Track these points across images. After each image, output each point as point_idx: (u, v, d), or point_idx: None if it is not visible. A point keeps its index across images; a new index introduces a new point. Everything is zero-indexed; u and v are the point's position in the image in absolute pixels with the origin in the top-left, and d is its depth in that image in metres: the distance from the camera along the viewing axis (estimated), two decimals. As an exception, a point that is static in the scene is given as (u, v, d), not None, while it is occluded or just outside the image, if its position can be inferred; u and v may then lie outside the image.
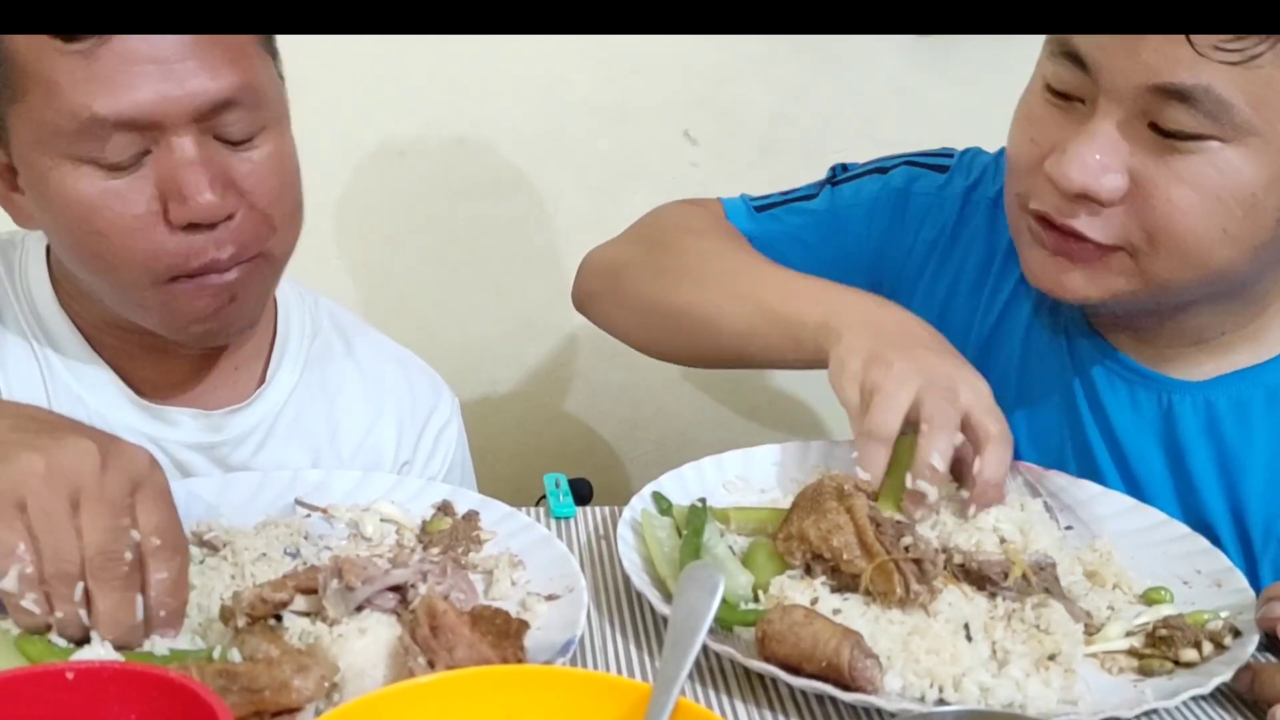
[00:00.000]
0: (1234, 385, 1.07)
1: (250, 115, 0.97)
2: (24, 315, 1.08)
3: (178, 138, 0.93)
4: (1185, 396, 1.07)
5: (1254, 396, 1.06)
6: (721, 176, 1.85)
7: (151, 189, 0.94)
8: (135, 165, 0.94)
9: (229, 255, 0.97)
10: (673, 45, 1.74)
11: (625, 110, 1.81)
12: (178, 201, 0.94)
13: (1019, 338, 1.17)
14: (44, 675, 0.66)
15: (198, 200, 0.93)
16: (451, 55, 1.72)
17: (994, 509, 1.00)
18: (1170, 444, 1.09)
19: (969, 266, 1.21)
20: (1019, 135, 1.03)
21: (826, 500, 0.94)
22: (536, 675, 0.72)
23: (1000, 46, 1.74)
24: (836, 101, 1.84)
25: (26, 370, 1.06)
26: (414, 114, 1.77)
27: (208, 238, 0.96)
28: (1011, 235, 1.09)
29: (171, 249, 0.95)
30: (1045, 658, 0.84)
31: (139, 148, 0.93)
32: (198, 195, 0.93)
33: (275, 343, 1.16)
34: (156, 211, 0.95)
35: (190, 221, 0.94)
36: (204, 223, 0.95)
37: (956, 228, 1.22)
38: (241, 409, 1.12)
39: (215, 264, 0.97)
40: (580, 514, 1.08)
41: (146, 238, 0.95)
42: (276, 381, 1.14)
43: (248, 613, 0.80)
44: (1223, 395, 1.07)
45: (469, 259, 1.86)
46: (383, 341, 1.26)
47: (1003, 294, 1.19)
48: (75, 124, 0.91)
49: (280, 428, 1.14)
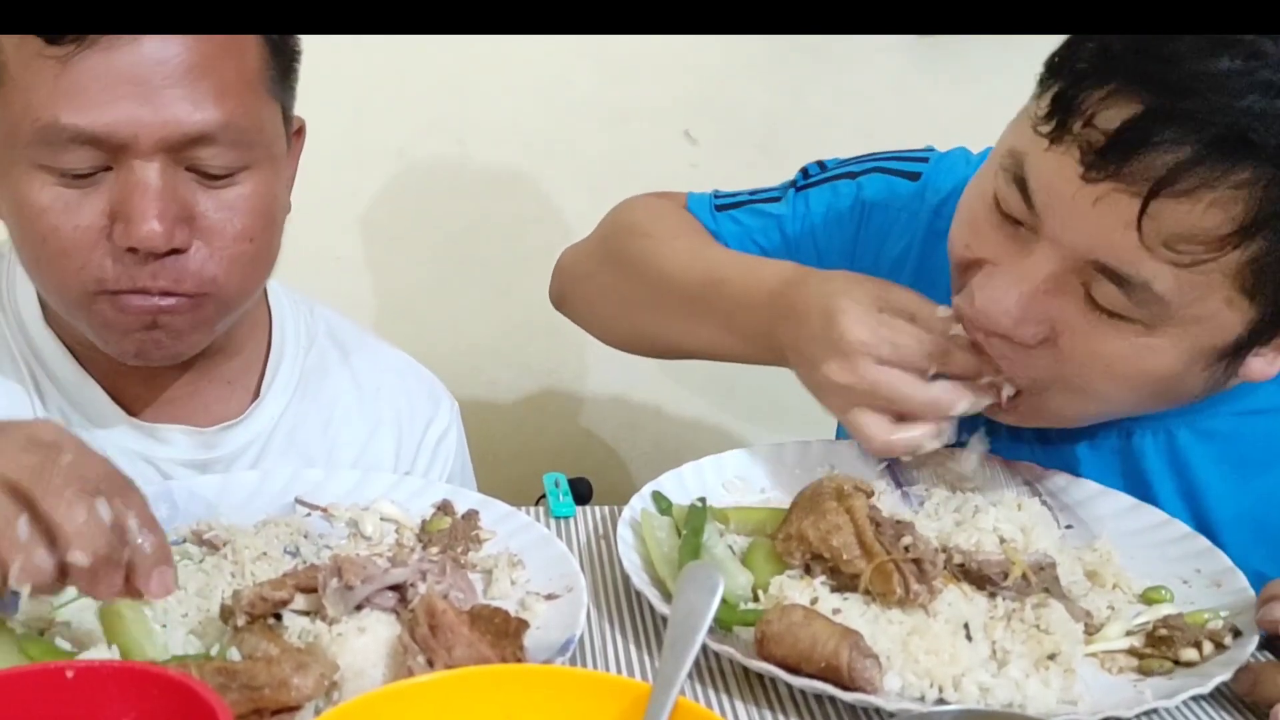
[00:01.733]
0: (1192, 416, 1.03)
1: (230, 153, 0.94)
2: (11, 331, 1.06)
3: (142, 161, 0.91)
4: (1145, 429, 1.05)
5: (1215, 426, 1.03)
6: (722, 176, 1.84)
7: (104, 204, 0.92)
8: (92, 179, 0.92)
9: (160, 288, 0.94)
10: (673, 45, 1.74)
11: (625, 110, 1.81)
12: (123, 223, 0.91)
13: None
14: (44, 674, 0.66)
15: (141, 228, 0.90)
16: (451, 55, 1.72)
17: (993, 509, 1.00)
18: (1134, 478, 1.06)
19: (942, 282, 1.14)
20: (956, 233, 0.99)
21: (826, 500, 0.94)
22: (536, 674, 0.72)
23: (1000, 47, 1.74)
24: (836, 102, 1.84)
25: (15, 387, 1.05)
26: (414, 114, 1.77)
27: (146, 267, 0.93)
28: None
29: (106, 267, 0.93)
30: (1045, 657, 0.84)
31: (99, 163, 0.91)
32: (143, 223, 0.90)
33: (269, 356, 1.14)
34: (103, 228, 0.92)
35: (130, 246, 0.91)
36: (144, 250, 0.92)
37: (924, 250, 1.17)
38: (235, 425, 1.10)
39: (143, 290, 0.94)
40: (580, 513, 1.08)
41: (84, 252, 0.93)
42: (271, 396, 1.12)
43: (247, 611, 0.80)
44: (1183, 425, 1.04)
45: (469, 259, 1.86)
46: (380, 349, 1.24)
47: None
48: (37, 128, 0.90)
49: (275, 443, 1.12)
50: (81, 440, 0.77)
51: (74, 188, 0.92)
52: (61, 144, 0.90)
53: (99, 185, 0.92)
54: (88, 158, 0.91)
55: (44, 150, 0.90)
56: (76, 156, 0.90)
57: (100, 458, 0.77)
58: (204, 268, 0.95)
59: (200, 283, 0.96)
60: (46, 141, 0.90)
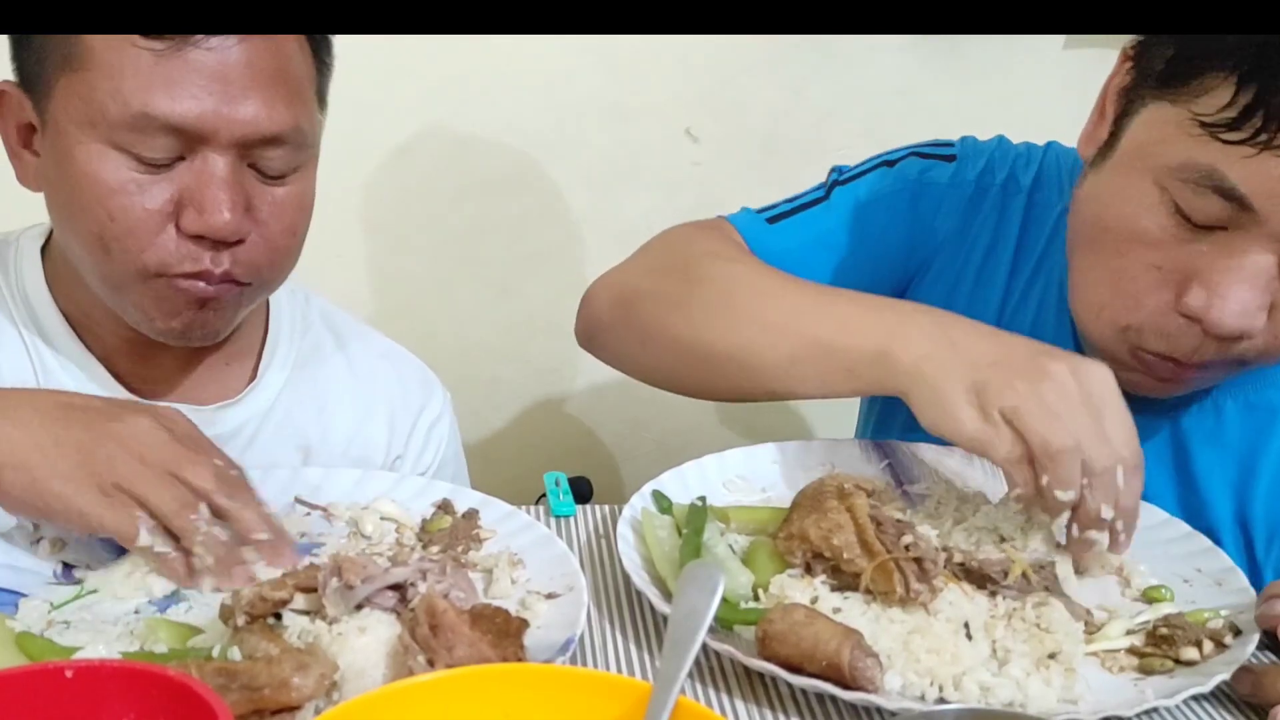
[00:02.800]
0: (1241, 388, 1.06)
1: (290, 155, 1.01)
2: (17, 309, 1.09)
3: (216, 154, 0.96)
4: (1192, 398, 1.06)
5: (1262, 399, 1.05)
6: (723, 175, 1.85)
7: (173, 191, 0.97)
8: (166, 166, 0.96)
9: (221, 272, 0.99)
10: (674, 44, 1.75)
11: (627, 109, 1.81)
12: (195, 211, 0.96)
13: (1023, 334, 1.12)
14: (43, 673, 0.66)
15: (216, 217, 0.96)
16: (452, 54, 1.72)
17: (994, 508, 1.00)
18: (1176, 446, 1.08)
19: (976, 254, 1.19)
20: (1133, 257, 0.95)
21: (827, 499, 0.94)
22: (536, 674, 0.71)
23: (1002, 46, 1.75)
24: (838, 100, 1.84)
25: (19, 363, 1.07)
26: (415, 113, 1.77)
27: (209, 252, 0.98)
28: (1095, 345, 1.03)
29: (171, 250, 0.98)
30: (1046, 656, 0.84)
31: (176, 152, 0.96)
32: (217, 212, 0.96)
33: (266, 339, 1.18)
34: (170, 213, 0.97)
35: (200, 233, 0.97)
36: (214, 238, 0.97)
37: (967, 215, 1.19)
38: (232, 404, 1.13)
39: (204, 274, 0.99)
40: (580, 513, 1.08)
41: (150, 234, 0.97)
42: (267, 378, 1.16)
43: (247, 611, 0.80)
44: (1230, 398, 1.06)
45: (471, 257, 1.86)
46: (374, 337, 1.28)
47: (1017, 284, 1.16)
48: (126, 114, 0.94)
49: (271, 423, 1.15)
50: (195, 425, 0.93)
51: (148, 172, 0.96)
52: (149, 131, 0.94)
53: (170, 172, 0.97)
54: (168, 146, 0.96)
55: (128, 134, 0.95)
56: (159, 144, 0.95)
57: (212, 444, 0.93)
58: (255, 258, 1.01)
59: (250, 271, 1.01)
60: (134, 127, 0.94)
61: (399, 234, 1.84)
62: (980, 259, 1.19)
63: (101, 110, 0.95)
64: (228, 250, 0.99)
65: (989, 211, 1.19)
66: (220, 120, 0.95)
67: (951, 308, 1.13)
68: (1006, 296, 1.18)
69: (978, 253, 1.19)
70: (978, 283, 1.19)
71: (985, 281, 1.19)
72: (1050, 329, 1.14)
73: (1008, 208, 1.17)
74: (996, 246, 1.18)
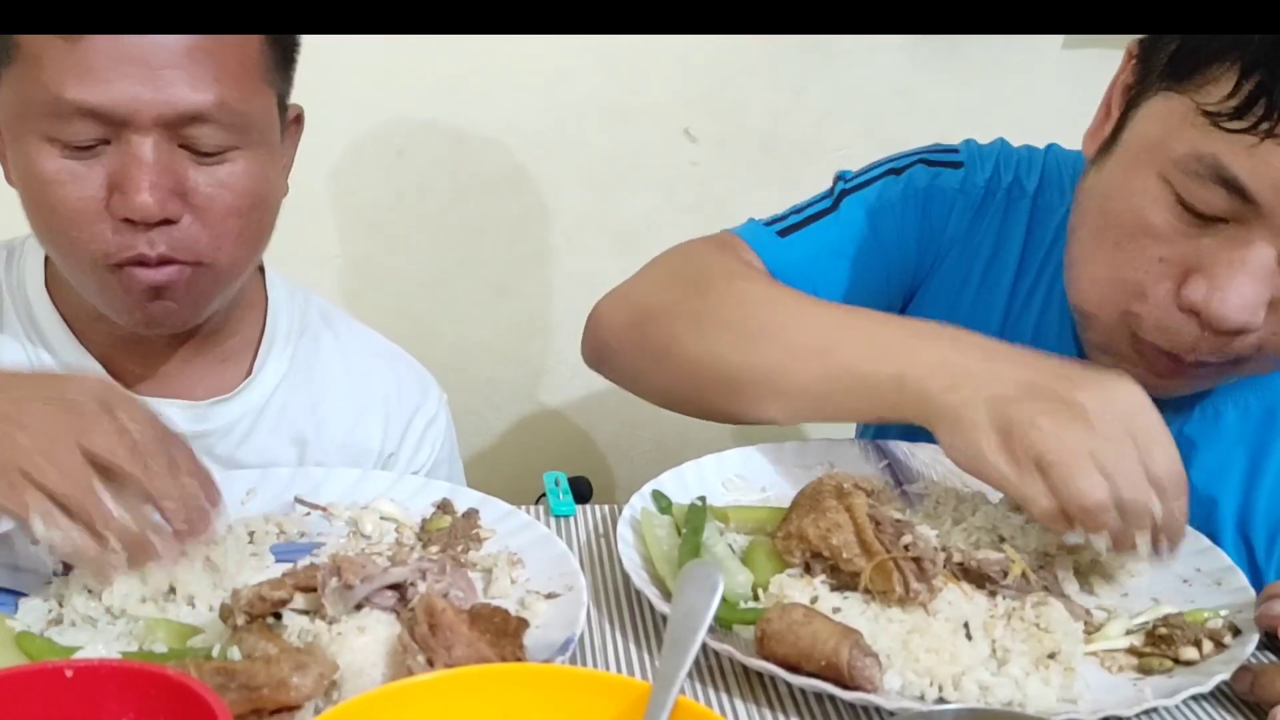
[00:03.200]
0: (1241, 393, 1.07)
1: (223, 133, 0.99)
2: (16, 308, 1.10)
3: (138, 135, 0.96)
4: (1193, 403, 1.07)
5: (1262, 402, 1.06)
6: (722, 175, 1.85)
7: (104, 177, 0.97)
8: (94, 151, 0.96)
9: (157, 255, 0.98)
10: (673, 43, 1.75)
11: (625, 108, 1.81)
12: (119, 194, 0.96)
13: (1027, 338, 1.14)
14: (43, 673, 0.66)
15: (135, 199, 0.95)
16: (451, 54, 1.72)
17: (993, 508, 1.00)
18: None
19: (981, 258, 1.19)
20: (1136, 249, 0.94)
21: (826, 499, 0.94)
22: (535, 674, 0.71)
23: (1002, 46, 1.75)
24: (837, 100, 1.84)
25: (15, 360, 1.08)
26: (414, 112, 1.77)
27: (142, 235, 0.98)
28: (1098, 341, 1.01)
29: (109, 238, 0.98)
30: (1045, 656, 0.84)
31: (99, 135, 0.96)
32: (136, 194, 0.95)
33: (263, 336, 1.18)
34: (103, 199, 0.97)
35: (125, 216, 0.96)
36: (138, 220, 0.96)
37: (975, 219, 1.19)
38: (227, 400, 1.13)
39: (141, 258, 0.98)
40: (580, 512, 1.08)
41: (89, 223, 0.97)
42: (263, 374, 1.16)
43: (246, 611, 0.80)
44: (1231, 403, 1.07)
45: (469, 257, 1.86)
46: (371, 336, 1.28)
47: (1024, 285, 1.17)
48: (45, 101, 0.94)
49: (266, 419, 1.15)
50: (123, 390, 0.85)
51: (78, 159, 0.96)
52: (67, 117, 0.94)
53: (100, 158, 0.97)
54: (90, 130, 0.95)
55: (52, 122, 0.95)
56: (80, 128, 0.95)
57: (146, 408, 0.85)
58: (197, 239, 1.00)
59: (192, 252, 1.00)
60: (54, 114, 0.95)
61: (397, 233, 1.84)
62: (985, 262, 1.19)
63: (27, 102, 0.96)
64: (161, 231, 0.98)
65: (994, 215, 1.19)
66: (137, 102, 0.94)
67: (956, 310, 1.15)
68: (1011, 299, 1.18)
69: (982, 256, 1.19)
70: (982, 286, 1.19)
71: (990, 285, 1.18)
72: (1054, 331, 1.14)
73: (1012, 211, 1.17)
74: (1001, 250, 1.18)
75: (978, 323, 1.09)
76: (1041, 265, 1.17)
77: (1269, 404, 1.07)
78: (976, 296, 1.19)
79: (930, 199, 1.20)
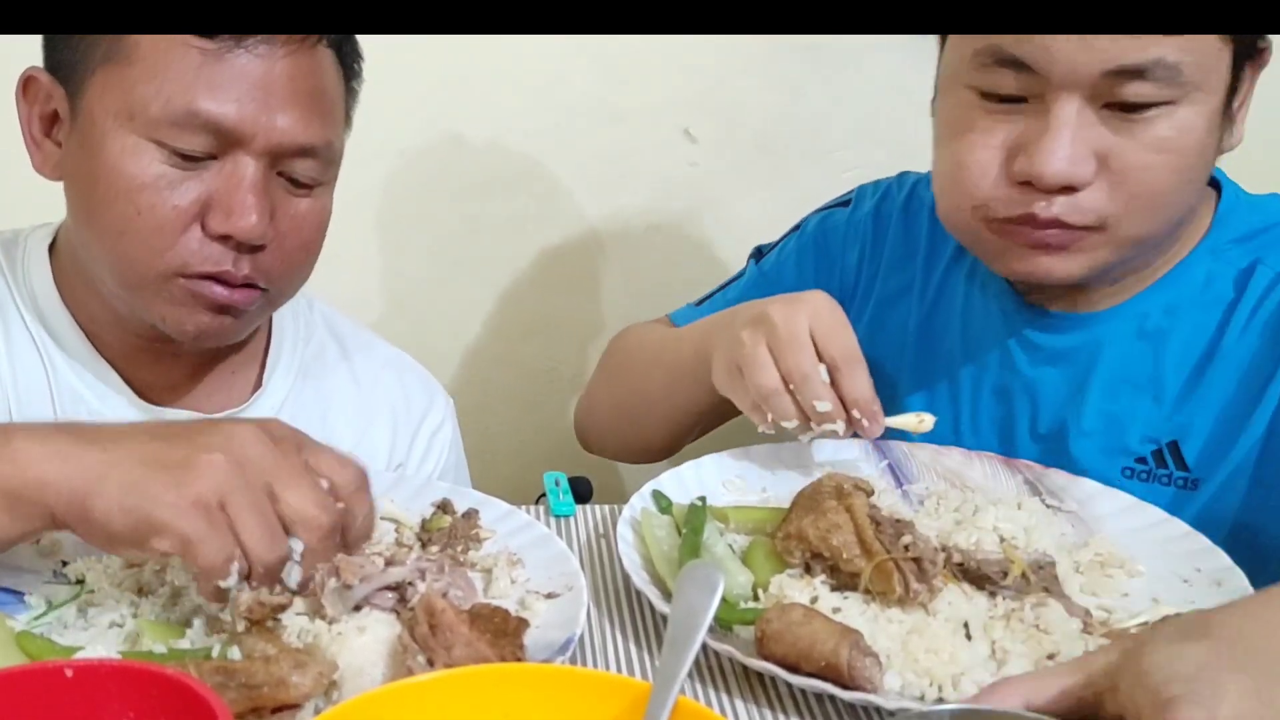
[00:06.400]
0: (1133, 319, 1.13)
1: (318, 169, 1.03)
2: (26, 311, 1.08)
3: (249, 158, 0.98)
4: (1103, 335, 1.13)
5: (1150, 312, 1.12)
6: (721, 175, 1.85)
7: (202, 191, 0.98)
8: (198, 164, 0.98)
9: (242, 276, 1.00)
10: (672, 44, 1.74)
11: (624, 109, 1.81)
12: (223, 213, 0.97)
13: (957, 313, 1.24)
14: (43, 672, 0.66)
15: (244, 220, 0.97)
16: (451, 55, 1.72)
17: (993, 508, 1.01)
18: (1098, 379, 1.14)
19: (894, 269, 1.30)
20: (965, 149, 1.06)
21: (826, 499, 0.94)
22: (535, 673, 0.71)
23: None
24: (836, 100, 1.83)
25: (29, 361, 1.07)
26: (413, 113, 1.76)
27: (230, 254, 0.99)
28: (968, 248, 1.15)
29: (194, 250, 0.98)
30: (1044, 657, 0.84)
31: (210, 149, 0.97)
32: (246, 215, 0.97)
33: (270, 348, 1.18)
34: (195, 214, 0.98)
35: (227, 234, 0.98)
36: (240, 239, 0.98)
37: (875, 243, 1.32)
38: (239, 412, 1.13)
39: (225, 275, 1.00)
40: (580, 512, 1.08)
41: (175, 232, 0.98)
42: (272, 386, 1.16)
43: (245, 616, 0.80)
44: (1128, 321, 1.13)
45: (468, 258, 1.86)
46: (377, 345, 1.28)
47: (934, 279, 1.27)
48: (170, 110, 0.95)
49: None
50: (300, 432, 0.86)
51: (180, 168, 0.97)
52: (191, 128, 0.96)
53: (201, 171, 0.98)
54: (204, 143, 0.97)
55: (168, 128, 0.96)
56: (196, 140, 0.97)
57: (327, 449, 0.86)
58: (273, 266, 1.02)
59: (268, 278, 1.03)
60: (174, 121, 0.96)
61: (397, 234, 1.84)
62: (899, 271, 1.30)
63: (143, 104, 0.96)
64: (249, 255, 1.00)
65: (895, 232, 1.32)
66: (259, 125, 0.97)
67: (888, 315, 1.30)
68: (923, 291, 1.28)
69: (894, 267, 1.30)
70: (903, 289, 1.29)
71: (907, 285, 1.29)
72: (978, 298, 1.23)
73: (912, 223, 1.30)
74: (907, 259, 1.30)
75: (907, 319, 1.28)
76: (953, 255, 1.27)
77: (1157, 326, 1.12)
78: (901, 298, 1.29)
79: (823, 238, 1.37)
